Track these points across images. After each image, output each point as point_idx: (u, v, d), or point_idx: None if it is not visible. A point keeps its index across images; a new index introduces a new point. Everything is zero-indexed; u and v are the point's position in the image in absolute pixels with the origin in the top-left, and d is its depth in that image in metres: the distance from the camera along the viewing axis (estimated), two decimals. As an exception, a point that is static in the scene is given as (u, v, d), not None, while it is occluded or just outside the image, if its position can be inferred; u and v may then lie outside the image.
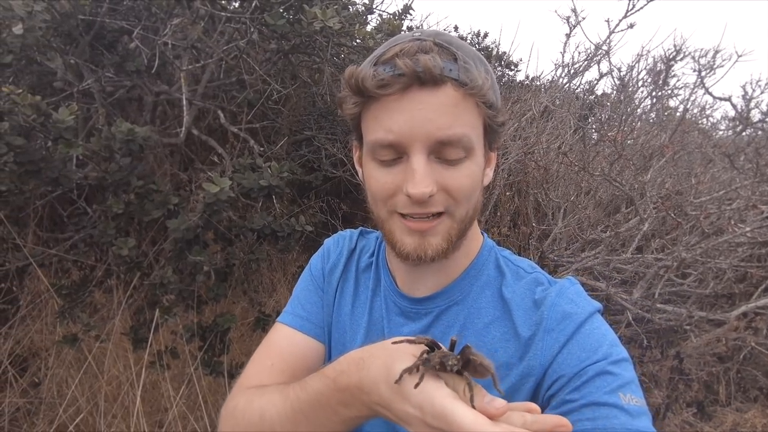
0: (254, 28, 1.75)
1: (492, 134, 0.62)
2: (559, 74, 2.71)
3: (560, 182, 2.32)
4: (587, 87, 3.12)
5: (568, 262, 2.08)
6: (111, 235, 1.55)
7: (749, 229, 1.91)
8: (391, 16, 2.25)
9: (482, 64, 0.59)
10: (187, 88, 1.71)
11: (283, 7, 1.69)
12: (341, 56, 2.15)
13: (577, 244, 2.19)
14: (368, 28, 2.25)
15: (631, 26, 2.30)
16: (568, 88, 2.75)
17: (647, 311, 1.96)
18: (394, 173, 0.58)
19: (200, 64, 1.77)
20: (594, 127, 2.86)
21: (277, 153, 2.09)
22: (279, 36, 1.82)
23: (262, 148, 1.96)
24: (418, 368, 0.43)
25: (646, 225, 1.97)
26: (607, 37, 2.38)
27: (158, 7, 1.62)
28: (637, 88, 2.77)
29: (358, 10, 2.14)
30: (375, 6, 2.19)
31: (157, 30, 1.66)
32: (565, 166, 2.24)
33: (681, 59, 2.38)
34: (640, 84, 2.76)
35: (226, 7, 1.81)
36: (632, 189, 2.00)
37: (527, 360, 0.59)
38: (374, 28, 2.26)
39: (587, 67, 2.60)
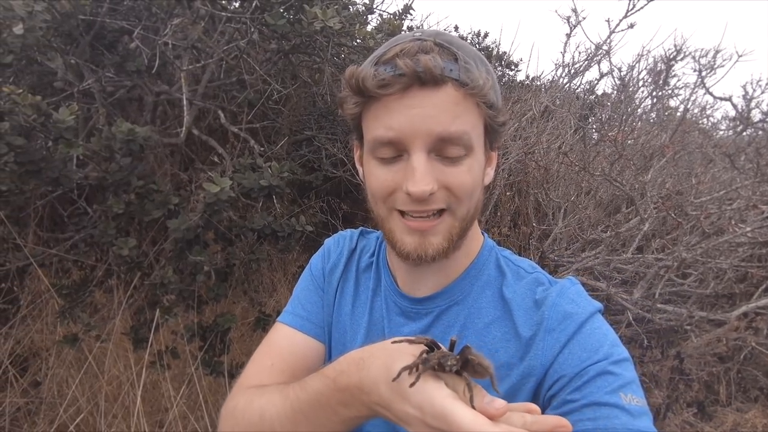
0: (255, 28, 1.75)
1: (493, 134, 0.62)
2: (559, 74, 2.71)
3: (560, 182, 2.32)
4: (588, 87, 3.12)
5: (569, 262, 2.08)
6: (111, 235, 1.55)
7: (750, 229, 1.91)
8: (391, 16, 2.25)
9: (483, 64, 0.59)
10: (187, 88, 1.71)
11: (283, 7, 1.69)
12: (341, 56, 2.15)
13: (577, 244, 2.19)
14: (368, 28, 2.25)
15: (631, 26, 2.30)
16: (568, 88, 2.75)
17: (648, 311, 1.96)
18: (394, 171, 0.58)
19: (200, 64, 1.77)
20: (594, 127, 2.85)
21: (278, 153, 2.09)
22: (279, 36, 1.82)
23: (263, 148, 1.96)
24: (417, 367, 0.43)
25: (647, 225, 1.96)
26: (608, 36, 2.38)
27: (159, 7, 1.62)
28: (638, 88, 2.77)
29: (359, 10, 2.14)
30: (375, 6, 2.19)
31: (158, 30, 1.66)
32: (566, 166, 2.24)
33: (681, 59, 2.38)
34: (641, 84, 2.76)
35: (226, 7, 1.81)
36: (633, 189, 2.00)
37: (528, 360, 0.59)
38: (374, 28, 2.26)
39: (588, 67, 2.60)
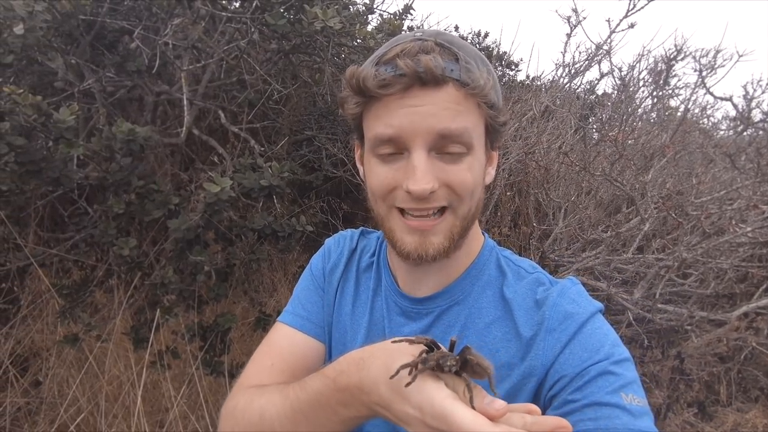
0: (255, 28, 1.75)
1: (493, 134, 0.62)
2: (559, 74, 2.71)
3: (561, 182, 2.31)
4: (588, 87, 3.12)
5: (569, 262, 2.08)
6: (112, 235, 1.55)
7: (750, 229, 1.91)
8: (391, 16, 2.25)
9: (484, 64, 0.59)
10: (187, 88, 1.71)
11: (283, 7, 1.69)
12: (342, 56, 2.15)
13: (577, 244, 2.19)
14: (369, 28, 2.25)
15: (631, 26, 2.30)
16: (568, 88, 2.75)
17: (648, 311, 1.96)
18: (394, 169, 0.58)
19: (201, 64, 1.77)
20: (595, 127, 2.85)
21: (278, 153, 2.09)
22: (280, 36, 1.82)
23: (263, 148, 1.96)
24: (417, 366, 0.43)
25: (647, 225, 1.96)
26: (608, 36, 2.38)
27: (159, 7, 1.62)
28: (638, 88, 2.77)
29: (359, 10, 2.13)
30: (375, 6, 2.19)
31: (158, 30, 1.66)
32: (566, 166, 2.24)
33: (682, 59, 2.38)
34: (641, 84, 2.76)
35: (226, 7, 1.81)
36: (633, 189, 2.00)
37: (529, 360, 0.59)
38: (375, 28, 2.27)
39: (588, 67, 2.60)
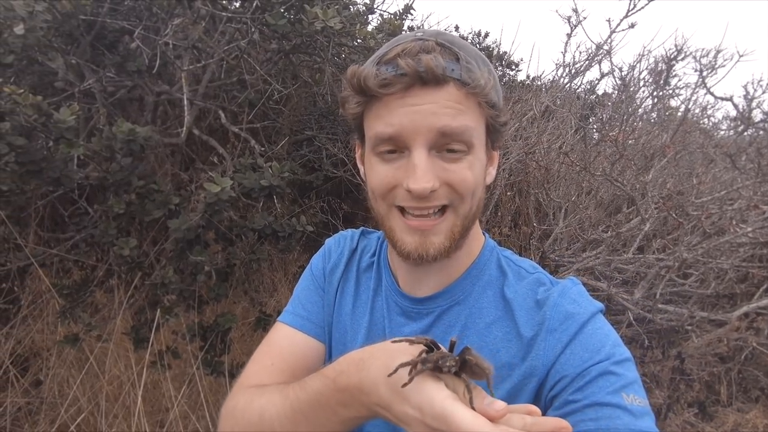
0: (255, 28, 1.75)
1: (494, 134, 0.62)
2: (560, 74, 2.71)
3: (561, 182, 2.31)
4: (588, 87, 3.12)
5: (569, 262, 2.07)
6: (112, 235, 1.55)
7: (751, 229, 1.91)
8: (392, 16, 2.25)
9: (485, 64, 0.59)
10: (188, 88, 1.71)
11: (284, 7, 1.69)
12: (342, 56, 2.15)
13: (578, 244, 2.19)
14: (369, 28, 2.25)
15: (632, 26, 2.30)
16: (569, 88, 2.75)
17: (648, 311, 1.95)
18: (395, 168, 0.58)
19: (201, 64, 1.77)
20: (595, 127, 2.85)
21: (278, 153, 2.09)
22: (280, 36, 1.82)
23: (263, 148, 1.96)
24: (415, 366, 0.43)
25: (648, 225, 1.96)
26: (608, 36, 2.38)
27: (159, 7, 1.62)
28: (639, 88, 2.77)
29: (359, 10, 2.14)
30: (376, 6, 2.19)
31: (158, 30, 1.66)
32: (566, 166, 2.23)
33: (682, 59, 2.38)
34: (642, 84, 2.76)
35: (227, 7, 1.81)
36: (633, 189, 2.00)
37: (530, 360, 0.58)
38: (375, 28, 2.27)
39: (588, 67, 2.60)
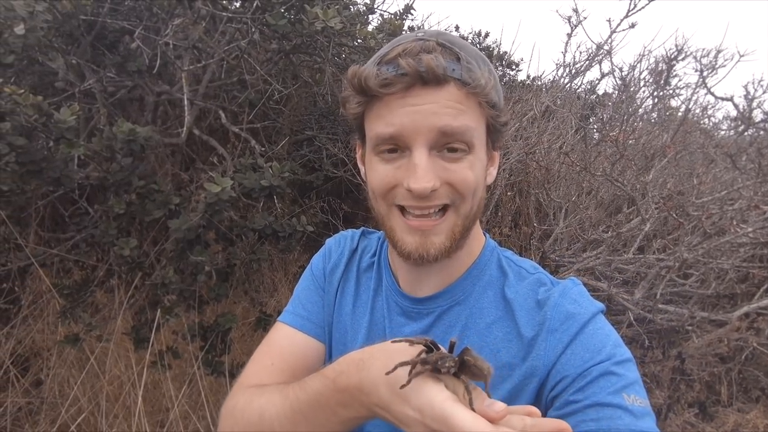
0: (255, 28, 1.75)
1: (495, 134, 0.62)
2: (560, 74, 2.71)
3: (561, 182, 2.31)
4: (589, 87, 3.12)
5: (570, 263, 2.07)
6: (112, 235, 1.55)
7: (751, 229, 1.91)
8: (392, 16, 2.26)
9: (485, 64, 0.59)
10: (188, 88, 1.71)
11: (284, 7, 1.69)
12: (342, 56, 2.15)
13: (578, 245, 2.19)
14: (369, 28, 2.25)
15: (632, 26, 2.30)
16: (569, 88, 2.75)
17: (649, 311, 1.95)
18: (395, 167, 0.58)
19: (201, 64, 1.77)
20: (595, 127, 2.85)
21: (279, 153, 2.09)
22: (280, 36, 1.82)
23: (264, 148, 1.96)
24: (414, 366, 0.42)
25: (648, 225, 1.96)
26: (609, 36, 2.38)
27: (160, 7, 1.62)
28: (639, 88, 2.77)
29: (360, 10, 2.14)
30: (376, 6, 2.19)
31: (159, 30, 1.66)
32: (567, 166, 2.23)
33: (683, 59, 2.38)
34: (642, 84, 2.76)
35: (227, 7, 1.81)
36: (634, 189, 2.00)
37: (530, 360, 0.58)
38: (375, 28, 2.27)
39: (589, 67, 2.60)
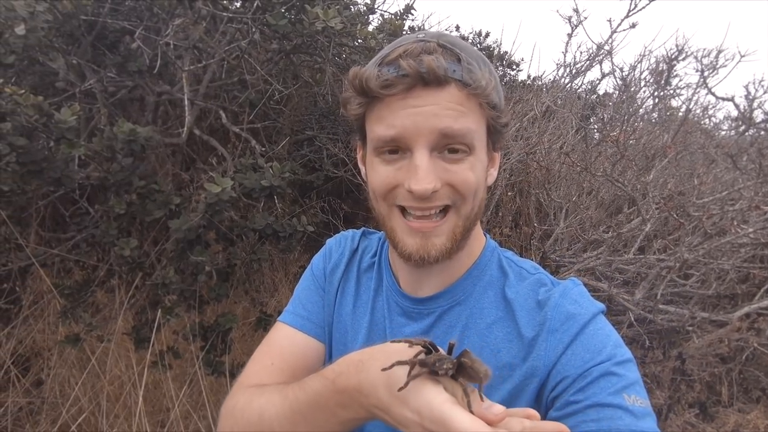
0: (256, 28, 1.75)
1: (495, 135, 0.62)
2: (561, 74, 2.72)
3: (562, 182, 2.31)
4: (589, 87, 3.12)
5: (570, 263, 2.07)
6: (113, 235, 1.55)
7: (752, 230, 1.90)
8: (392, 16, 2.25)
9: (486, 65, 0.59)
10: (188, 88, 1.71)
11: (284, 8, 1.69)
12: (343, 56, 2.15)
13: (579, 245, 2.19)
14: (370, 28, 2.25)
15: (633, 26, 2.30)
16: (570, 88, 2.75)
17: (649, 312, 1.95)
18: (396, 168, 0.58)
19: (202, 65, 1.77)
20: (596, 127, 2.85)
21: (279, 153, 2.09)
22: (281, 36, 1.82)
23: (264, 148, 1.96)
24: (413, 367, 0.42)
25: (649, 225, 1.96)
26: (609, 36, 2.39)
27: (160, 7, 1.62)
28: (640, 88, 2.77)
29: (360, 10, 2.14)
30: (377, 6, 2.19)
31: (159, 30, 1.66)
32: (567, 167, 2.23)
33: (683, 59, 2.39)
34: (643, 84, 2.76)
35: (227, 7, 1.81)
36: (634, 189, 2.00)
37: (531, 361, 0.58)
38: (376, 28, 2.27)
39: (589, 67, 2.61)
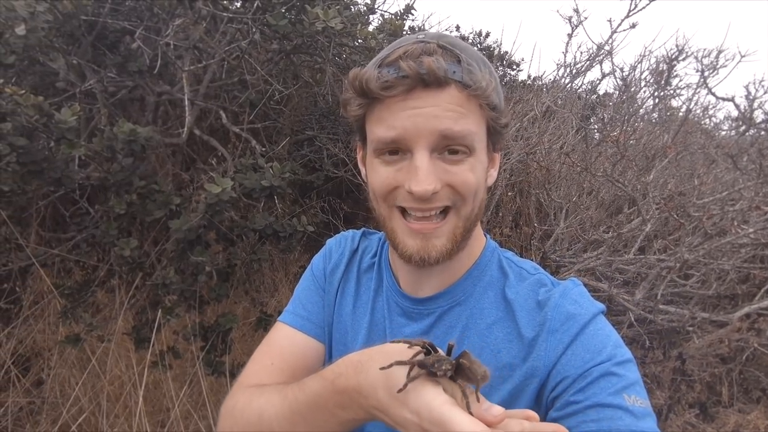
0: (256, 28, 1.75)
1: (495, 135, 0.62)
2: (561, 74, 2.72)
3: (562, 182, 2.31)
4: (589, 87, 3.12)
5: (570, 263, 2.07)
6: (113, 235, 1.55)
7: (752, 230, 1.90)
8: (392, 16, 2.25)
9: (486, 66, 0.59)
10: (189, 88, 1.71)
11: (285, 8, 1.69)
12: (343, 56, 2.15)
13: (579, 245, 2.19)
14: (370, 28, 2.25)
15: (633, 26, 2.30)
16: (570, 88, 2.75)
17: (650, 312, 1.95)
18: (396, 169, 0.58)
19: (202, 65, 1.77)
20: (596, 127, 2.85)
21: (279, 153, 2.09)
22: (281, 36, 1.82)
23: (264, 149, 1.96)
24: (412, 367, 0.43)
25: (649, 226, 1.96)
26: (610, 36, 2.39)
27: (160, 7, 1.62)
28: (640, 88, 2.77)
29: (360, 11, 2.14)
30: (377, 6, 2.19)
31: (159, 30, 1.66)
32: (567, 167, 2.23)
33: (684, 59, 2.39)
34: (643, 84, 2.76)
35: (228, 7, 1.81)
36: (635, 189, 2.00)
37: (531, 361, 0.58)
38: (376, 28, 2.26)
39: (589, 67, 2.61)
